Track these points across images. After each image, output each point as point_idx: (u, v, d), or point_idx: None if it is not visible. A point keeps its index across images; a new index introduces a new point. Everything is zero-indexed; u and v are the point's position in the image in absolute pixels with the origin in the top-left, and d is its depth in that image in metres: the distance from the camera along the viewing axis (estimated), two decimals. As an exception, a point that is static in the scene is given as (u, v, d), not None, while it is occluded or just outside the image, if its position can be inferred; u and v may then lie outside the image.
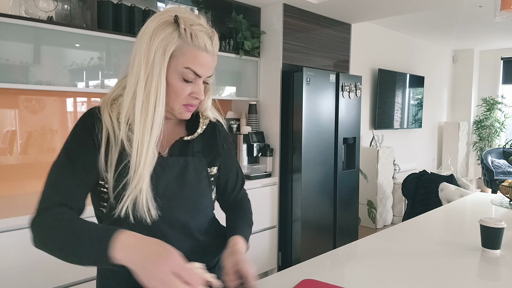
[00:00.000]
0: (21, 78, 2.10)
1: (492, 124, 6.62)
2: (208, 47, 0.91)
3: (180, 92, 0.92)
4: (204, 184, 1.02)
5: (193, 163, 1.00)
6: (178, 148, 1.00)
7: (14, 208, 2.00)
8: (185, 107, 0.95)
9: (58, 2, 2.36)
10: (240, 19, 3.16)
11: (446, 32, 5.44)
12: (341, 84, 3.47)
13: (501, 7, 1.76)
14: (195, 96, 0.94)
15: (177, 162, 0.98)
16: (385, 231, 1.65)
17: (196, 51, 0.90)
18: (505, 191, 2.18)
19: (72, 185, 0.88)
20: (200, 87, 0.94)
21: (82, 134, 0.91)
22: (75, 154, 0.90)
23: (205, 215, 1.04)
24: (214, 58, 0.95)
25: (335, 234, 3.56)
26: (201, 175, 1.01)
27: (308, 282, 1.11)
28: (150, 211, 0.90)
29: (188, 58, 0.90)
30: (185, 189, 0.97)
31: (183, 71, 0.90)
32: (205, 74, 0.93)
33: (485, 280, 1.18)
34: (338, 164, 3.52)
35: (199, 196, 1.01)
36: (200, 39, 0.90)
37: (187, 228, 0.99)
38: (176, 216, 0.96)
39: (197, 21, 0.92)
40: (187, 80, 0.92)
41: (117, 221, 0.90)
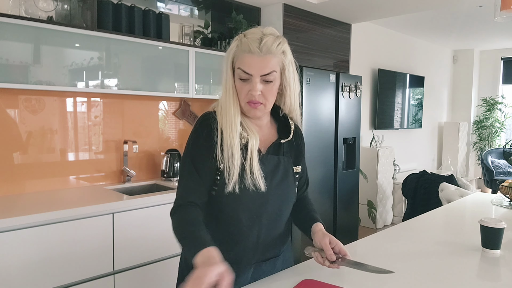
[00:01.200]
0: (21, 78, 2.10)
1: (492, 124, 6.62)
2: (252, 49, 1.08)
3: (240, 90, 1.12)
4: (291, 179, 1.22)
5: (283, 161, 1.21)
6: (273, 148, 1.21)
7: (14, 208, 2.00)
8: (248, 104, 1.12)
9: (58, 2, 2.36)
10: (240, 19, 3.15)
11: (446, 32, 5.44)
12: (341, 84, 3.47)
13: (501, 7, 1.76)
14: (251, 92, 1.10)
15: (272, 159, 1.19)
16: (385, 231, 1.65)
17: (243, 54, 1.09)
18: (505, 191, 2.18)
19: (199, 187, 1.13)
20: (253, 84, 1.09)
21: (203, 142, 1.14)
22: (200, 163, 1.14)
23: (288, 207, 1.24)
24: (264, 58, 1.08)
25: (335, 234, 3.56)
26: (289, 172, 1.22)
27: (308, 282, 1.11)
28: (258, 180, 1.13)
29: (239, 61, 1.10)
30: (277, 182, 1.18)
31: (237, 72, 1.11)
32: (256, 72, 1.08)
33: (485, 280, 1.18)
34: (338, 164, 3.52)
35: (287, 189, 1.20)
36: (245, 44, 1.09)
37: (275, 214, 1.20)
38: (270, 202, 1.17)
39: (253, 31, 1.11)
40: (242, 79, 1.10)
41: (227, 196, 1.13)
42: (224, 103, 1.14)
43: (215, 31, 3.31)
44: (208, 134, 1.13)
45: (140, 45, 2.55)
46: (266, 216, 1.18)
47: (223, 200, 1.14)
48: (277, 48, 1.10)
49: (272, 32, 1.13)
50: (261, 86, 1.10)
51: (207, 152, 1.13)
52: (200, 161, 1.14)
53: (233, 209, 1.15)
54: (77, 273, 2.00)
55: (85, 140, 2.62)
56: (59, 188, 2.50)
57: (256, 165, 1.13)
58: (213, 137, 1.13)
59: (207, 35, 3.21)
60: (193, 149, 1.16)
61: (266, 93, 1.12)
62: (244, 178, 1.13)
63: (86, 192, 2.41)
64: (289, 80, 1.15)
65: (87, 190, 2.49)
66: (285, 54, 1.13)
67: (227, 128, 1.12)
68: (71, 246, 1.97)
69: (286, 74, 1.14)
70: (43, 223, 1.88)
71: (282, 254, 1.28)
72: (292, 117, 1.25)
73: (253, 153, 1.13)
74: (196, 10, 3.28)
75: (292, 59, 1.17)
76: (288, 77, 1.15)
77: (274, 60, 1.10)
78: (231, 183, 1.11)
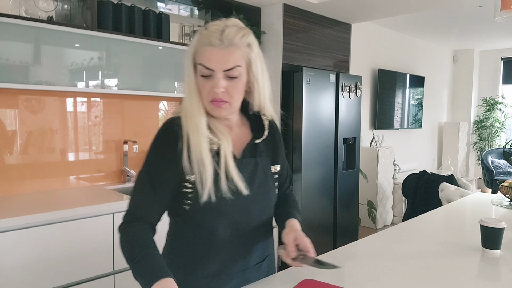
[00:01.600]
0: (21, 78, 2.10)
1: (492, 124, 6.62)
2: (213, 41, 0.98)
3: (202, 88, 1.02)
4: (270, 181, 1.14)
5: (261, 163, 1.12)
6: (249, 150, 1.11)
7: (14, 208, 2.00)
8: (211, 103, 1.02)
9: (58, 2, 2.36)
10: (240, 19, 3.13)
11: (446, 32, 5.44)
12: (341, 84, 3.47)
13: (501, 7, 1.76)
14: (213, 89, 1.00)
15: (250, 163, 1.10)
16: (385, 231, 1.65)
17: (203, 48, 0.99)
18: (505, 191, 2.18)
19: (152, 203, 1.03)
20: (216, 80, 0.99)
21: (164, 147, 1.04)
22: (156, 172, 1.03)
23: (269, 210, 1.16)
24: (226, 50, 0.98)
25: (335, 234, 3.56)
26: (267, 174, 1.13)
27: (308, 282, 1.11)
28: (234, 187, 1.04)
29: (200, 55, 1.00)
30: (257, 186, 1.09)
31: (198, 68, 1.01)
32: (217, 66, 0.98)
33: (485, 281, 1.18)
34: (338, 164, 3.52)
35: (267, 193, 1.13)
36: (205, 36, 0.99)
37: (256, 221, 1.12)
38: (250, 209, 1.09)
39: (215, 22, 1.02)
40: (204, 76, 1.00)
41: (203, 208, 1.03)
42: (187, 104, 1.03)
43: (215, 31, 3.30)
44: (170, 143, 1.03)
45: (140, 45, 2.55)
46: (247, 222, 1.10)
47: (200, 213, 1.04)
48: (241, 40, 1.00)
49: (236, 23, 1.03)
50: (225, 83, 1.00)
51: (168, 163, 1.02)
52: (158, 174, 1.03)
53: (211, 220, 1.05)
54: (77, 273, 2.00)
55: (85, 140, 2.62)
56: (59, 188, 2.50)
57: (233, 169, 1.03)
58: (176, 146, 1.02)
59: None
60: (151, 160, 1.05)
61: (230, 90, 1.01)
62: (220, 185, 1.02)
63: (86, 192, 2.41)
64: (257, 76, 1.05)
65: (87, 190, 2.49)
66: (250, 47, 1.03)
67: (193, 132, 1.01)
68: (71, 246, 1.97)
69: (253, 69, 1.04)
70: (43, 223, 1.88)
71: (268, 258, 1.21)
72: (265, 113, 1.15)
73: (228, 157, 1.03)
74: (196, 10, 3.28)
75: (260, 53, 1.07)
76: (256, 72, 1.05)
77: (237, 53, 1.00)
78: (205, 192, 1.01)
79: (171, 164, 1.02)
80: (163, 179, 1.03)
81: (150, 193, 1.02)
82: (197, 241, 1.08)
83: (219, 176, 1.02)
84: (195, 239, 1.08)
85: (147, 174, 1.04)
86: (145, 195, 1.03)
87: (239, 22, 1.05)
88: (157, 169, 1.03)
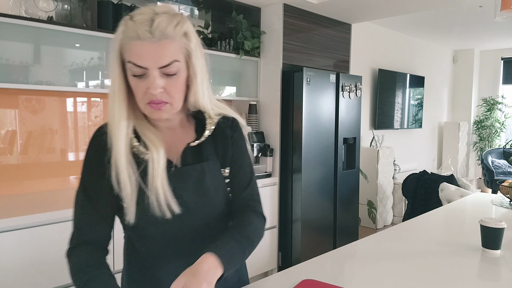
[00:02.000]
0: (21, 78, 2.10)
1: (492, 124, 6.62)
2: (141, 34, 0.82)
3: (135, 90, 0.87)
4: (220, 189, 0.99)
5: (209, 169, 0.97)
6: (191, 155, 0.96)
7: (14, 208, 2.00)
8: (149, 105, 0.88)
9: (58, 2, 2.36)
10: (240, 19, 3.15)
11: (446, 32, 5.44)
12: (341, 84, 3.47)
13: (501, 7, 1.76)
14: (149, 91, 0.85)
15: (194, 170, 0.95)
16: (385, 231, 1.65)
17: (130, 43, 0.84)
18: (505, 191, 2.18)
19: (96, 222, 0.93)
20: (152, 79, 0.84)
21: (92, 161, 0.93)
22: (90, 185, 0.93)
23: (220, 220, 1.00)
24: (159, 44, 0.83)
25: (335, 234, 3.56)
26: (218, 179, 0.98)
27: (308, 282, 1.10)
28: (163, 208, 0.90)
29: (127, 51, 0.85)
30: (205, 196, 0.95)
31: (129, 66, 0.85)
32: (151, 63, 0.83)
33: (485, 281, 1.18)
34: (338, 164, 3.52)
35: (216, 203, 0.97)
36: (131, 28, 0.83)
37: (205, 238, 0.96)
38: (197, 224, 0.95)
39: (142, 10, 0.86)
40: (136, 75, 0.85)
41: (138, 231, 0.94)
42: (110, 109, 0.89)
43: (215, 31, 3.31)
44: (97, 154, 0.92)
45: (140, 45, 2.55)
46: (193, 241, 0.96)
47: (139, 230, 0.95)
48: (176, 29, 0.85)
49: (167, 9, 0.87)
50: (162, 81, 0.86)
51: (101, 177, 0.90)
52: (94, 190, 0.92)
53: (153, 238, 0.94)
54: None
55: (85, 140, 2.62)
56: (59, 188, 2.50)
57: (162, 186, 0.89)
58: (104, 157, 0.90)
59: (207, 35, 3.21)
60: (84, 176, 0.94)
61: (170, 89, 0.87)
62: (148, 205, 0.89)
63: (86, 192, 2.41)
64: (196, 69, 0.90)
65: (87, 190, 2.49)
66: (188, 36, 0.88)
67: (114, 144, 0.88)
68: (71, 246, 1.97)
69: (193, 61, 0.89)
70: (43, 223, 1.88)
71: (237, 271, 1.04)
72: (206, 110, 0.98)
73: (155, 172, 0.89)
74: (196, 10, 3.28)
75: (199, 42, 0.91)
76: (195, 65, 0.90)
77: (173, 46, 0.85)
78: (129, 214, 0.90)
79: (104, 178, 0.90)
80: (101, 195, 0.92)
81: (91, 211, 0.92)
82: (144, 259, 0.98)
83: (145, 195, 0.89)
84: (141, 257, 0.98)
85: (83, 192, 0.93)
86: (86, 214, 0.93)
87: (170, 7, 0.89)
88: (92, 185, 0.93)
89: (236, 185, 1.02)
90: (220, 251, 0.86)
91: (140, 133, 0.92)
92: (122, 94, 0.89)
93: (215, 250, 0.86)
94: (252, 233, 0.97)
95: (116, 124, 0.88)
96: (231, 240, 0.91)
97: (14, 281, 1.81)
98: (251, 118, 3.30)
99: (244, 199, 1.02)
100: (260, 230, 1.00)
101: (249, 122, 3.31)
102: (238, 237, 0.93)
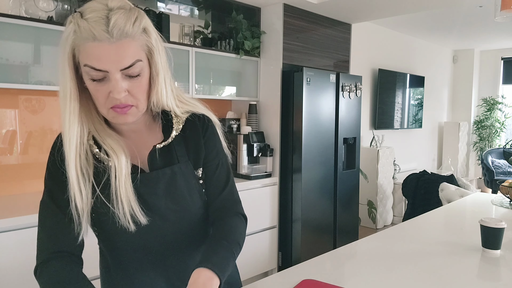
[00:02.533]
0: (21, 78, 2.10)
1: (492, 124, 6.62)
2: (99, 35, 0.74)
3: (95, 95, 0.80)
4: (194, 191, 0.92)
5: (180, 171, 0.90)
6: (159, 157, 0.89)
7: (14, 208, 2.00)
8: (113, 110, 0.81)
9: (58, 2, 2.36)
10: (240, 19, 3.15)
11: (446, 32, 5.44)
12: (341, 84, 3.47)
13: (501, 7, 1.76)
14: (112, 95, 0.79)
15: (164, 174, 0.88)
16: (385, 231, 1.65)
17: (86, 44, 0.76)
18: (505, 191, 2.18)
19: (65, 229, 0.85)
20: (114, 83, 0.78)
21: (52, 167, 0.87)
22: (55, 191, 0.87)
23: (198, 226, 0.95)
24: (119, 44, 0.76)
25: (335, 234, 3.56)
26: (191, 182, 0.91)
27: (308, 282, 1.10)
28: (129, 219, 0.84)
29: (83, 54, 0.77)
30: (178, 201, 0.89)
31: (85, 70, 0.78)
32: (112, 66, 0.77)
33: (485, 280, 1.18)
34: (338, 164, 3.52)
35: (191, 207, 0.92)
36: (85, 29, 0.75)
37: (181, 245, 0.92)
38: (170, 231, 0.90)
39: (92, 6, 0.77)
40: (95, 79, 0.78)
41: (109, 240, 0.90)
42: (62, 116, 0.81)
43: (215, 31, 3.31)
44: (56, 164, 0.86)
45: (140, 45, 2.55)
46: (170, 250, 0.91)
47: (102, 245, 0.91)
48: (134, 26, 0.77)
49: (121, 4, 0.78)
50: (126, 83, 0.79)
51: (64, 184, 0.84)
52: (60, 197, 0.85)
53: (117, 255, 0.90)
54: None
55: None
56: (59, 188, 2.50)
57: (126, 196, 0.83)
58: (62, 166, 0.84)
59: (207, 35, 3.21)
60: (48, 183, 0.89)
61: (134, 91, 0.81)
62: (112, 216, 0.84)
63: (86, 192, 2.41)
64: (158, 67, 0.84)
65: (87, 190, 2.49)
66: (148, 32, 0.81)
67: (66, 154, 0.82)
68: (71, 246, 1.97)
69: (155, 58, 0.83)
70: (43, 223, 1.88)
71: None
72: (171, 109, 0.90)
73: (118, 181, 0.83)
74: (196, 10, 3.28)
75: (159, 36, 0.84)
76: (157, 62, 0.83)
77: (134, 44, 0.78)
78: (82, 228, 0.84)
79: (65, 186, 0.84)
80: (66, 202, 0.84)
81: (59, 219, 0.85)
82: (117, 268, 0.93)
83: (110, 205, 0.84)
84: (115, 269, 0.93)
85: (50, 199, 0.87)
86: (54, 223, 0.86)
87: (125, 0, 0.80)
88: (56, 193, 0.87)
89: (213, 186, 0.96)
90: (212, 261, 0.83)
91: (98, 139, 0.86)
92: (74, 100, 0.80)
93: (206, 263, 0.82)
94: (238, 237, 0.92)
95: (67, 132, 0.81)
96: (221, 248, 0.87)
97: (14, 281, 1.81)
98: (251, 118, 3.31)
99: (223, 200, 0.96)
100: (244, 232, 0.96)
101: (249, 122, 3.31)
102: (227, 244, 0.88)
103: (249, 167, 3.20)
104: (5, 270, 1.78)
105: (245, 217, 0.99)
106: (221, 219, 0.94)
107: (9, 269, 1.79)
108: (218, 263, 0.83)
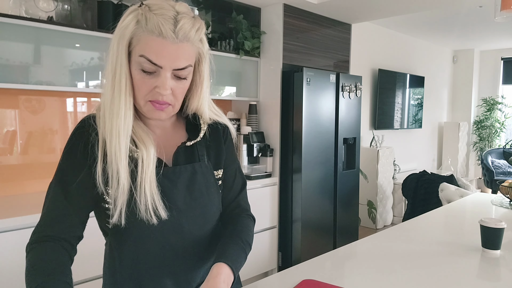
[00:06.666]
0: (21, 78, 2.10)
1: (492, 124, 6.62)
2: (166, 32, 0.79)
3: (140, 85, 0.83)
4: (213, 190, 0.96)
5: (201, 169, 0.94)
6: (184, 155, 0.93)
7: (14, 208, 2.00)
8: (151, 104, 0.85)
9: (58, 2, 2.36)
10: (240, 19, 3.16)
11: (446, 32, 5.44)
12: (341, 84, 3.47)
13: (501, 7, 1.76)
14: (158, 90, 0.82)
15: (185, 170, 0.92)
16: (385, 232, 1.65)
17: (149, 37, 0.80)
18: (505, 192, 2.18)
19: (67, 217, 0.85)
20: (163, 79, 0.82)
21: (74, 152, 0.88)
22: (69, 181, 0.86)
23: (213, 225, 0.97)
24: (180, 46, 0.81)
25: (335, 234, 3.56)
26: (209, 181, 0.95)
27: (308, 282, 1.11)
28: (150, 212, 0.85)
29: (142, 45, 0.81)
30: (196, 197, 0.92)
31: (139, 60, 0.81)
32: (167, 64, 0.81)
33: (485, 281, 1.18)
34: (338, 164, 3.52)
35: (208, 205, 0.95)
36: (153, 22, 0.79)
37: (197, 239, 0.94)
38: (186, 227, 0.91)
39: (160, 3, 0.81)
40: (145, 71, 0.82)
41: (123, 235, 0.88)
42: (112, 102, 0.83)
43: (215, 31, 3.31)
44: (81, 148, 0.87)
45: (140, 45, 2.55)
46: (183, 246, 0.92)
47: (124, 234, 0.88)
48: (196, 34, 0.84)
49: (186, 10, 0.83)
50: (172, 83, 0.84)
51: (82, 171, 0.86)
52: (71, 183, 0.85)
53: (138, 242, 0.88)
54: (77, 273, 1.99)
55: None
56: (59, 188, 2.50)
57: (150, 188, 0.84)
58: (87, 151, 0.86)
59: (207, 35, 3.21)
60: (62, 167, 0.88)
61: (176, 92, 0.85)
62: (134, 207, 0.85)
63: (86, 192, 2.41)
64: (204, 75, 0.90)
65: (87, 190, 2.49)
66: (203, 41, 0.87)
67: (114, 137, 0.82)
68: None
69: (202, 67, 0.89)
70: (43, 223, 1.88)
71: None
72: (202, 114, 0.96)
73: (145, 173, 0.84)
74: (196, 10, 3.28)
75: (208, 47, 0.91)
76: (204, 71, 0.90)
77: (191, 50, 0.84)
78: (116, 213, 0.84)
79: (84, 172, 0.86)
80: (77, 188, 0.86)
81: (64, 205, 0.85)
82: (127, 266, 0.91)
83: (134, 196, 0.85)
84: (125, 264, 0.91)
85: (59, 183, 0.87)
86: (58, 207, 0.85)
87: (187, 7, 0.84)
88: (69, 177, 0.86)
89: (230, 189, 1.02)
90: (231, 259, 0.88)
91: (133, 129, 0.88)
92: (129, 85, 0.83)
93: (226, 259, 0.87)
94: (250, 238, 0.98)
95: (122, 118, 0.82)
96: (237, 246, 0.92)
97: (14, 281, 1.81)
98: (251, 118, 3.31)
99: (238, 203, 1.02)
100: (253, 233, 1.03)
101: (249, 122, 3.31)
102: (242, 244, 0.93)
103: (249, 167, 3.20)
104: (5, 270, 1.78)
105: (255, 219, 1.06)
106: (236, 218, 1.00)
107: (9, 269, 1.79)
108: (235, 260, 0.88)
